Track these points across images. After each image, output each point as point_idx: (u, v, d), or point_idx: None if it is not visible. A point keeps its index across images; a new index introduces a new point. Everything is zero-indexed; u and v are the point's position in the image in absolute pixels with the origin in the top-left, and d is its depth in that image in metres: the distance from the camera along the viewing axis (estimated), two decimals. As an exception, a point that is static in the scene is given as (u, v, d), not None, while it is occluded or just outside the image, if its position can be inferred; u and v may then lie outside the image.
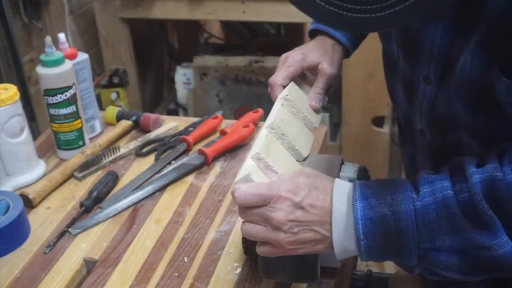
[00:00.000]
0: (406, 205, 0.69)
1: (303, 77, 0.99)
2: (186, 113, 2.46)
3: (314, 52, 0.97)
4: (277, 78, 0.94)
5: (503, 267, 0.69)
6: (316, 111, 0.95)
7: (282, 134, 0.84)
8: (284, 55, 0.98)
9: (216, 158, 1.18)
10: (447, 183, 0.70)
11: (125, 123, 1.28)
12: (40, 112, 1.94)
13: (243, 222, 0.75)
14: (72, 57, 1.18)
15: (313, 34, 1.02)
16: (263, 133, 0.82)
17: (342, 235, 0.71)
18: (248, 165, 0.76)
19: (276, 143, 0.83)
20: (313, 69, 0.97)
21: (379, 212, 0.70)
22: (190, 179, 1.13)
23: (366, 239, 0.70)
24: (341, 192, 0.72)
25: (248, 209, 0.73)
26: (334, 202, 0.72)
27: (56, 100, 1.13)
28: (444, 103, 0.81)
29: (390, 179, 0.76)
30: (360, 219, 0.70)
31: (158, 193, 1.09)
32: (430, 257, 0.70)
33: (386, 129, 2.14)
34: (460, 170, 0.70)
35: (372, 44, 1.04)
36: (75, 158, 1.16)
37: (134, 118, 1.29)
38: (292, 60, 0.96)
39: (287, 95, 0.90)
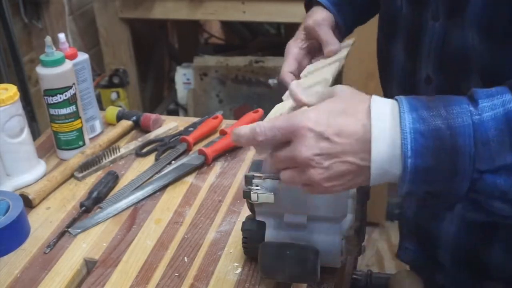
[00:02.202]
0: (463, 119, 0.60)
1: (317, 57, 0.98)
2: (186, 113, 2.46)
3: (301, 26, 0.97)
4: (283, 68, 0.94)
5: None
6: (337, 51, 0.93)
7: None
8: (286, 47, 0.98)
9: (216, 158, 1.18)
10: (509, 96, 0.61)
11: (125, 123, 1.28)
12: (40, 112, 1.94)
13: (280, 173, 0.69)
14: (72, 57, 1.18)
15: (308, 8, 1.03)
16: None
17: (385, 155, 0.61)
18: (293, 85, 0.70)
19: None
20: (311, 35, 0.96)
21: (432, 125, 0.61)
22: (190, 179, 1.13)
23: (414, 156, 0.60)
24: (381, 107, 0.63)
25: (275, 154, 0.67)
26: (373, 119, 0.62)
27: (56, 100, 1.13)
28: (457, 37, 0.77)
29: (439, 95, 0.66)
30: (409, 133, 0.60)
31: (158, 193, 1.09)
32: (484, 181, 0.61)
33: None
34: None
35: (372, 44, 1.04)
36: (75, 158, 1.16)
37: (134, 118, 1.29)
38: (287, 46, 0.97)
39: (307, 70, 0.90)
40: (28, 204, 1.06)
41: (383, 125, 0.62)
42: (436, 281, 1.01)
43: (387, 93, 1.00)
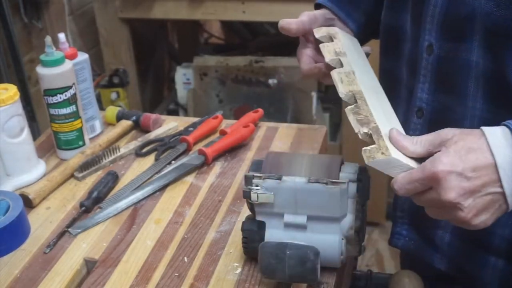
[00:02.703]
0: None
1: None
2: (186, 113, 2.46)
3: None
4: (303, 67, 0.96)
5: None
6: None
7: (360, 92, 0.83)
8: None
9: (216, 158, 1.18)
10: None
11: (125, 123, 1.28)
12: (40, 112, 1.94)
13: (426, 210, 0.74)
14: (72, 57, 1.19)
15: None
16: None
17: None
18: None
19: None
20: (307, 34, 0.98)
21: None
22: (190, 179, 1.13)
23: None
24: (496, 136, 0.69)
25: (418, 195, 0.72)
26: (493, 150, 0.68)
27: (56, 100, 1.13)
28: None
29: None
30: None
31: (158, 193, 1.09)
32: None
33: (386, 129, 2.14)
34: None
35: (372, 44, 1.04)
36: (75, 158, 1.16)
37: (134, 118, 1.29)
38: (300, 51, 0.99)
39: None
40: (28, 204, 1.06)
41: (503, 153, 0.68)
42: (432, 265, 1.00)
43: (395, 70, 0.99)
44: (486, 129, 0.70)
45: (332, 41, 0.93)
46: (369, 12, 1.03)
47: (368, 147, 0.75)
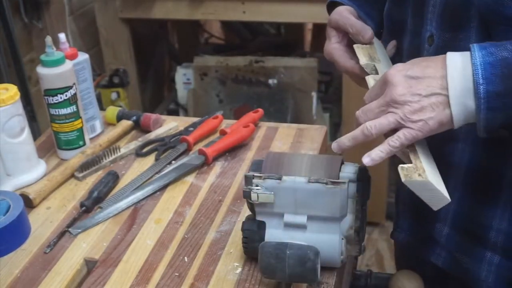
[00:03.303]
0: None
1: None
2: (186, 113, 2.46)
3: (331, 18, 0.98)
4: (345, 64, 0.96)
5: None
6: (372, 36, 0.96)
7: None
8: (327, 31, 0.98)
9: (216, 158, 1.18)
10: None
11: (126, 123, 1.28)
12: (41, 112, 1.94)
13: (369, 124, 0.77)
14: (72, 57, 1.19)
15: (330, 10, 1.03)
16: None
17: (460, 89, 0.72)
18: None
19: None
20: (340, 29, 0.96)
21: (499, 56, 0.70)
22: (190, 179, 1.13)
23: (486, 83, 0.69)
24: (455, 54, 0.74)
25: (368, 106, 0.77)
26: (448, 62, 0.73)
27: (56, 100, 1.13)
28: None
29: None
30: (479, 65, 0.70)
31: (158, 193, 1.09)
32: None
33: (386, 129, 2.14)
34: None
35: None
36: (75, 158, 1.16)
37: (134, 118, 1.29)
38: (329, 46, 0.97)
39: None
40: (29, 204, 1.06)
41: (457, 63, 0.72)
42: (428, 262, 1.00)
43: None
44: (450, 53, 0.75)
45: (373, 65, 0.93)
46: (382, 10, 1.04)
47: (405, 165, 0.76)
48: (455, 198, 0.92)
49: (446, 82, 0.72)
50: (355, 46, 0.93)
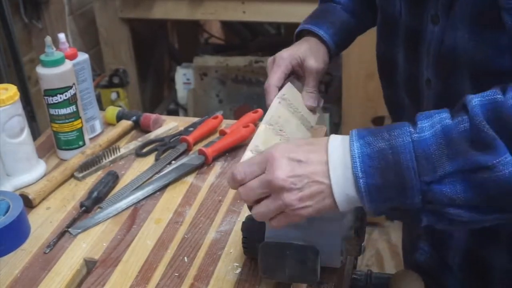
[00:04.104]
0: (403, 138, 0.67)
1: (297, 78, 1.00)
2: (186, 113, 2.47)
3: (301, 49, 0.99)
4: (271, 80, 0.95)
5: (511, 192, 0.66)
6: (313, 110, 0.95)
7: (280, 130, 0.84)
8: (270, 58, 1.00)
9: (216, 158, 1.18)
10: (446, 114, 0.68)
11: (125, 123, 1.28)
12: (40, 112, 1.94)
13: (252, 208, 0.74)
14: (72, 57, 1.18)
15: (299, 37, 1.05)
16: (261, 128, 0.82)
17: (341, 179, 0.69)
18: (246, 156, 0.76)
19: (274, 138, 0.83)
20: (301, 67, 0.98)
21: (376, 147, 0.68)
22: (190, 179, 1.13)
23: (365, 176, 0.68)
24: (337, 139, 0.72)
25: (250, 183, 0.73)
26: (330, 148, 0.70)
27: (56, 100, 1.13)
28: (450, 37, 0.81)
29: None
30: (357, 157, 0.68)
31: (158, 193, 1.09)
32: (433, 192, 0.67)
33: (386, 129, 2.14)
34: (461, 104, 0.69)
35: (372, 45, 1.04)
36: (75, 158, 1.16)
37: (134, 118, 1.29)
38: (279, 58, 0.97)
39: (284, 94, 0.91)
40: (28, 204, 1.06)
41: (339, 152, 0.70)
42: (444, 284, 1.01)
43: (393, 97, 1.00)
44: (333, 135, 0.73)
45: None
46: (357, 33, 1.09)
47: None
48: (462, 232, 0.96)
49: (328, 170, 0.70)
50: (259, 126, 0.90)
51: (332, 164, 0.69)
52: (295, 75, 1.00)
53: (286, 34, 2.93)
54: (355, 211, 0.84)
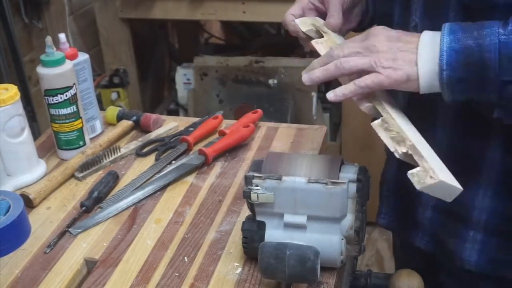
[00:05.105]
0: (491, 38, 0.73)
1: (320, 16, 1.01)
2: (186, 113, 2.46)
3: None
4: (289, 10, 1.03)
5: None
6: (338, 31, 0.97)
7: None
8: None
9: (216, 158, 1.18)
10: None
11: (126, 123, 1.28)
12: (41, 112, 1.95)
13: (344, 59, 0.81)
14: (72, 57, 1.19)
15: None
16: (318, 44, 0.90)
17: (427, 69, 0.77)
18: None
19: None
20: (322, 2, 1.00)
21: (464, 44, 0.75)
22: (190, 179, 1.13)
23: (449, 69, 0.75)
24: (429, 34, 0.79)
25: (348, 44, 0.82)
26: (421, 42, 0.78)
27: (56, 100, 1.13)
28: None
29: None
30: (445, 51, 0.75)
31: (158, 193, 1.09)
32: (509, 91, 0.74)
33: (386, 129, 2.14)
34: None
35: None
36: (75, 158, 1.16)
37: (134, 118, 1.29)
38: None
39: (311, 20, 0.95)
40: (29, 204, 1.06)
41: (427, 47, 0.78)
42: (415, 245, 1.02)
43: None
44: (425, 32, 0.80)
45: (321, 35, 0.94)
46: None
47: (414, 171, 0.74)
48: None
49: (417, 44, 0.78)
50: (313, 42, 0.94)
51: (420, 54, 0.77)
52: (318, 13, 1.01)
53: (286, 34, 2.93)
54: (355, 211, 0.84)
